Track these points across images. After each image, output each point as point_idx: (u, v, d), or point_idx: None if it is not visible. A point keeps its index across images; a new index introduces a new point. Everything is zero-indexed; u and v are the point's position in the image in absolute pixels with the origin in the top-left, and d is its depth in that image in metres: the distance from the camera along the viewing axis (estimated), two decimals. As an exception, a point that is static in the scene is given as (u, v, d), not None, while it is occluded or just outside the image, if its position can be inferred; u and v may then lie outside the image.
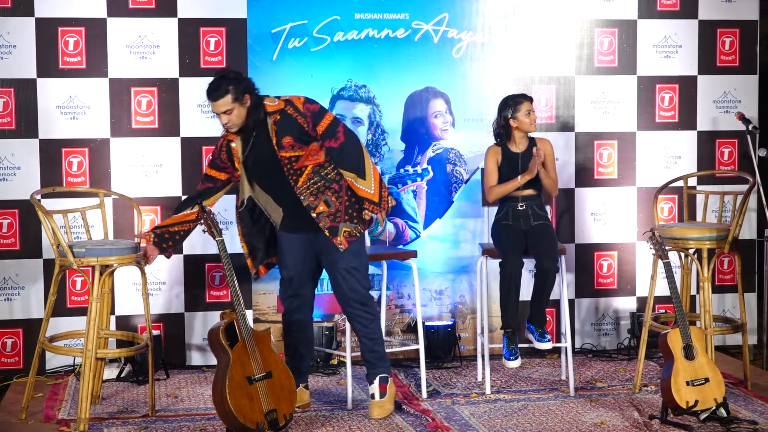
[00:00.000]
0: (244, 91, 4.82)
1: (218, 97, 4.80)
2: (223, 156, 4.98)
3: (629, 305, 6.44)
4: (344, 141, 4.91)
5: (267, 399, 4.71)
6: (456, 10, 6.19)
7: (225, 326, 4.73)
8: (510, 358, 5.40)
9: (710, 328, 5.41)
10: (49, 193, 5.67)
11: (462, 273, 6.26)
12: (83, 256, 5.02)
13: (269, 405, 4.71)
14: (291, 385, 4.83)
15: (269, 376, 4.75)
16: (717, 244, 5.45)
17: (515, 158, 5.55)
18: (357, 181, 4.93)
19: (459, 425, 4.97)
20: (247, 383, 4.68)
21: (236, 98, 4.80)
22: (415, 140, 6.22)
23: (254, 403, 4.68)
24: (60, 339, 5.43)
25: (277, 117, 4.87)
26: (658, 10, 6.39)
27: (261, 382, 4.71)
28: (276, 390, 4.76)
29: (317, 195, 4.91)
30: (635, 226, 6.42)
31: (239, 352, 4.71)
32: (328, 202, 4.92)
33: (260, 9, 6.03)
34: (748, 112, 6.28)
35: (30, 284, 5.95)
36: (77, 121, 5.94)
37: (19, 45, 5.86)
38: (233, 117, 4.83)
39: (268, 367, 4.76)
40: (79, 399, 4.94)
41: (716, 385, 4.91)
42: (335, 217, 4.92)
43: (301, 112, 4.88)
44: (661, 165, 6.40)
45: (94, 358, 5.00)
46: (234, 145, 4.94)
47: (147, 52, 5.97)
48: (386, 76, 6.15)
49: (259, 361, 4.73)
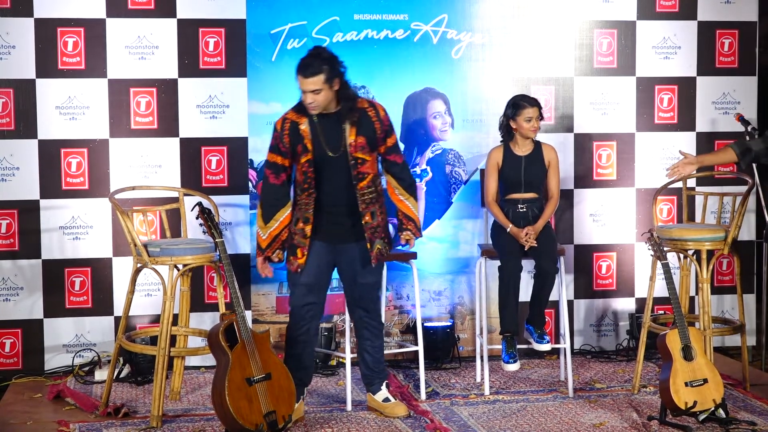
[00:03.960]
0: (337, 76, 4.71)
1: (311, 74, 4.66)
2: (285, 140, 4.83)
3: (628, 306, 6.44)
4: (405, 160, 5.02)
5: (266, 400, 4.71)
6: (455, 11, 6.19)
7: (225, 327, 4.73)
8: (509, 361, 5.40)
9: (709, 329, 5.41)
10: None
11: (461, 274, 6.26)
12: (158, 256, 5.06)
13: (268, 406, 4.71)
14: (290, 387, 4.83)
15: (268, 378, 4.75)
16: (716, 245, 5.45)
17: (518, 161, 5.53)
18: (409, 201, 4.98)
19: (458, 426, 4.98)
20: (246, 385, 4.68)
21: (328, 79, 4.67)
22: (414, 141, 6.22)
23: (253, 404, 4.68)
24: (137, 336, 5.53)
25: (359, 115, 4.81)
26: (658, 11, 6.39)
27: (260, 383, 4.71)
28: (275, 391, 4.76)
29: (368, 204, 4.88)
30: (634, 227, 6.42)
31: (239, 353, 4.71)
32: (374, 214, 4.90)
33: (259, 10, 6.03)
34: (747, 114, 6.28)
35: (29, 285, 5.94)
36: (76, 122, 5.93)
37: (19, 45, 5.86)
38: (320, 98, 4.69)
39: (268, 369, 4.76)
40: (153, 396, 5.00)
41: (715, 386, 4.91)
42: (375, 231, 4.91)
43: (380, 119, 4.86)
44: (661, 166, 6.40)
45: (168, 355, 5.05)
46: (303, 127, 4.80)
47: (146, 53, 5.97)
48: (385, 76, 6.15)
49: (258, 362, 4.73)
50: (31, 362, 5.96)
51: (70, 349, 5.98)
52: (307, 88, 4.69)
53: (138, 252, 5.12)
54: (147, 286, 5.97)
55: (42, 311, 5.95)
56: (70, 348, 5.98)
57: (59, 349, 5.98)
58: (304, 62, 4.71)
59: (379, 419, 5.10)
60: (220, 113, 6.01)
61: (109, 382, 5.30)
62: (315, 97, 4.70)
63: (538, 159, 5.55)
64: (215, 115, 6.02)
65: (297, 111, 4.86)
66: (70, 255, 5.95)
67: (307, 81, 4.68)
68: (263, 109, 6.04)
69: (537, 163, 5.54)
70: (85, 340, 6.00)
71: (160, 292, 6.00)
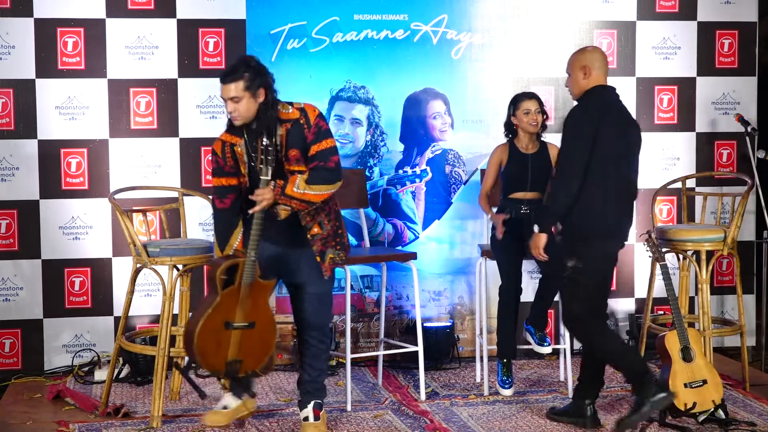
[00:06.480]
0: (261, 85, 4.46)
1: (231, 80, 4.43)
2: (230, 162, 4.59)
3: (628, 307, 6.44)
4: (332, 169, 4.55)
5: (236, 348, 4.50)
6: (455, 12, 6.19)
7: (228, 265, 4.49)
8: (504, 386, 5.43)
9: (708, 329, 5.41)
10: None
11: (461, 274, 6.27)
12: (157, 256, 5.06)
13: (235, 354, 4.51)
14: (270, 341, 4.60)
15: (250, 327, 4.51)
16: (715, 245, 5.45)
17: (524, 159, 5.49)
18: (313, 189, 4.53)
19: (457, 426, 4.98)
20: (222, 327, 4.47)
21: (249, 87, 4.42)
22: (413, 141, 6.22)
23: (221, 348, 4.48)
24: (136, 336, 5.53)
25: (289, 126, 4.53)
26: (657, 11, 6.39)
27: (238, 330, 4.50)
28: (251, 342, 4.53)
29: (314, 216, 4.64)
30: (634, 227, 6.41)
31: (229, 294, 4.47)
32: (321, 224, 4.66)
33: (259, 10, 6.03)
34: (746, 114, 6.28)
35: (28, 285, 5.95)
36: (76, 122, 5.94)
37: (18, 45, 5.86)
38: (241, 107, 4.45)
39: (254, 318, 4.52)
40: (153, 396, 5.00)
41: (714, 386, 4.91)
42: (326, 241, 4.67)
43: (310, 125, 4.54)
44: (660, 166, 6.40)
45: (167, 356, 5.04)
46: (239, 149, 4.57)
47: (146, 53, 5.97)
48: (385, 77, 6.15)
49: (246, 309, 4.50)
50: (31, 362, 5.96)
51: (69, 349, 5.98)
52: (227, 95, 4.45)
53: (138, 252, 5.12)
54: (147, 287, 5.97)
55: (42, 311, 5.96)
56: (70, 348, 5.99)
57: (59, 349, 5.99)
58: (226, 69, 4.52)
59: (378, 419, 5.10)
60: (220, 113, 6.00)
61: (108, 383, 5.30)
62: (236, 106, 4.45)
63: (545, 157, 5.51)
64: (215, 115, 6.02)
65: (230, 132, 4.60)
66: (70, 255, 5.96)
67: (226, 87, 4.44)
68: (263, 109, 6.04)
69: (543, 161, 5.50)
70: (84, 340, 6.00)
71: (160, 292, 6.00)
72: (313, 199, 4.54)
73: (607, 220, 4.73)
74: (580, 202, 4.68)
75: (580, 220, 4.71)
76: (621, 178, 4.74)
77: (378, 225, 6.18)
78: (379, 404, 5.37)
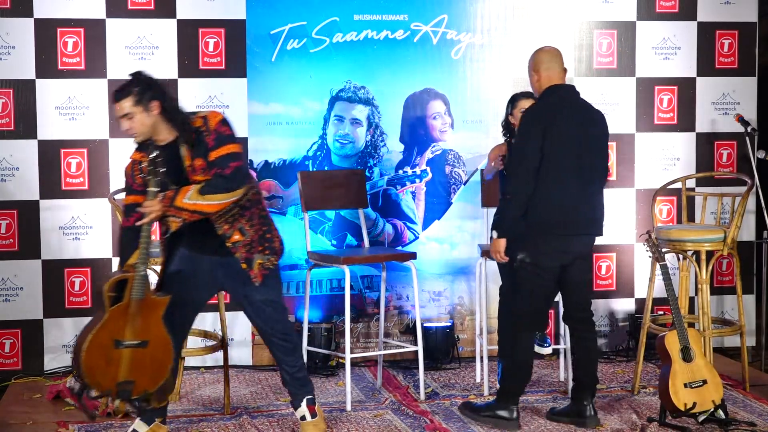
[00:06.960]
0: (153, 98, 4.33)
1: (120, 97, 4.33)
2: (138, 180, 4.45)
3: (628, 307, 6.44)
4: (228, 176, 4.35)
5: (127, 368, 4.33)
6: (455, 12, 6.19)
7: (116, 280, 4.33)
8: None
9: (708, 330, 5.42)
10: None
11: (460, 274, 6.27)
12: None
13: (127, 375, 4.33)
14: (164, 362, 4.42)
15: (142, 346, 4.34)
16: (715, 246, 5.45)
17: None
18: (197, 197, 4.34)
19: (457, 426, 4.98)
20: (112, 345, 4.30)
21: (139, 102, 4.32)
22: (413, 141, 6.22)
23: (110, 367, 4.31)
24: None
25: (193, 136, 4.40)
26: (657, 11, 6.39)
27: (128, 349, 4.33)
28: (144, 361, 4.36)
29: (232, 223, 4.46)
30: (634, 227, 6.42)
31: (118, 312, 4.30)
32: (243, 230, 4.48)
33: (259, 10, 6.03)
34: (746, 114, 6.28)
35: (28, 285, 5.95)
36: (76, 122, 5.94)
37: (18, 46, 5.86)
38: (135, 123, 4.33)
39: (145, 336, 4.35)
40: None
41: (714, 387, 4.91)
42: (250, 247, 4.49)
43: (210, 131, 4.39)
44: (660, 167, 6.40)
45: None
46: (144, 165, 4.40)
47: (146, 53, 5.97)
48: (385, 77, 6.15)
49: (137, 327, 4.33)
50: (31, 363, 5.96)
51: (69, 350, 5.97)
52: (118, 113, 4.37)
53: None
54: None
55: (42, 311, 5.96)
56: (70, 348, 5.98)
57: (59, 350, 5.98)
58: (116, 88, 4.39)
59: (378, 419, 5.10)
60: (219, 114, 6.01)
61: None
62: (130, 123, 4.34)
63: None
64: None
65: (140, 150, 4.47)
66: (69, 255, 5.96)
67: (117, 106, 4.35)
68: (263, 109, 6.05)
69: None
70: (84, 341, 6.00)
71: (160, 292, 6.00)
72: (206, 209, 4.34)
73: (561, 215, 4.78)
74: (534, 199, 4.76)
75: (533, 215, 4.78)
76: (583, 168, 4.78)
77: (378, 225, 6.18)
78: (379, 404, 5.37)
